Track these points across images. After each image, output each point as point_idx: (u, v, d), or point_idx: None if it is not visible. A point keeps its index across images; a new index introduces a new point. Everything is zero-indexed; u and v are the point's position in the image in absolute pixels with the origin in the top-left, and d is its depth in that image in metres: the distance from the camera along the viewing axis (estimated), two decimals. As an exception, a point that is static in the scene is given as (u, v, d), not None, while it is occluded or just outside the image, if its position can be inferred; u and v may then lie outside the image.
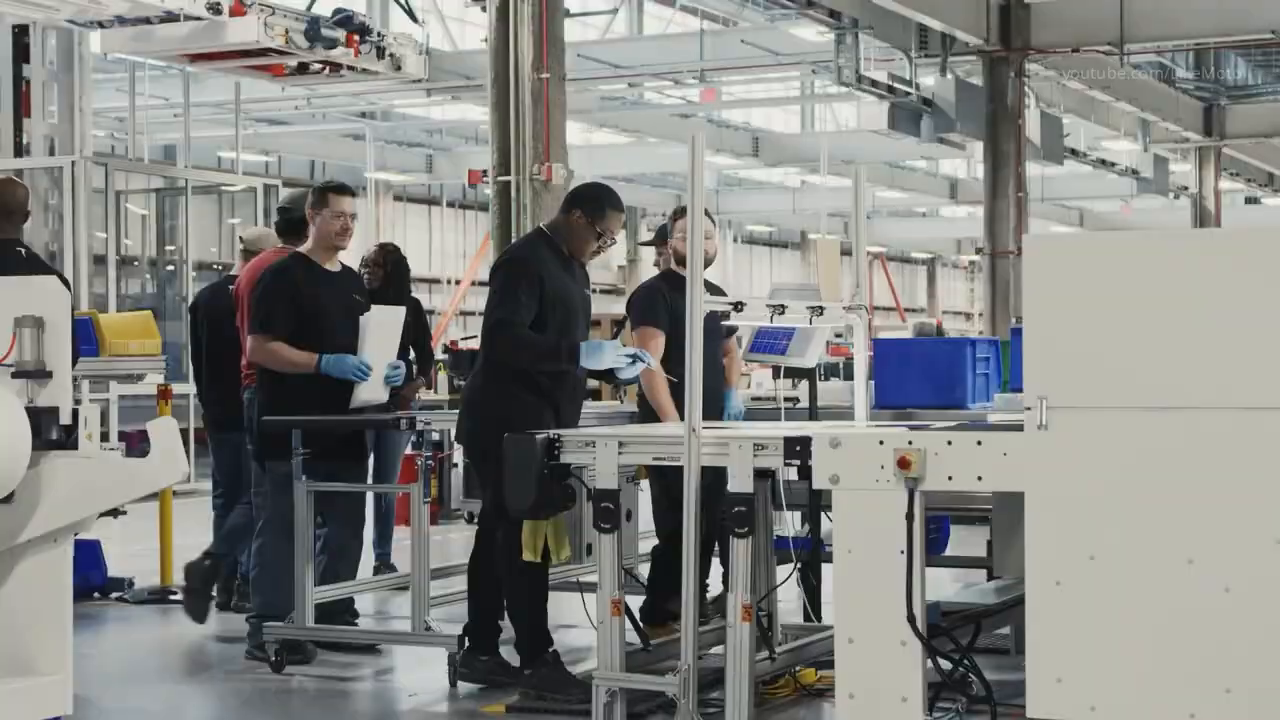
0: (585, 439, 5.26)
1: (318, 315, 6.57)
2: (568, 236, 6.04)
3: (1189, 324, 4.25)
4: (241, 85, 23.10)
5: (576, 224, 6.01)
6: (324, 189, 6.71)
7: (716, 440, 5.10)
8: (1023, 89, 20.51)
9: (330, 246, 6.68)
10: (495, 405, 5.87)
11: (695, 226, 5.10)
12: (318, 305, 6.59)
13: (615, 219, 6.07)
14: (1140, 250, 4.44)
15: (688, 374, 5.06)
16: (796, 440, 4.93)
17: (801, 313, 5.58)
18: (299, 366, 6.49)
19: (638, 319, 6.72)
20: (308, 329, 6.54)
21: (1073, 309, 4.39)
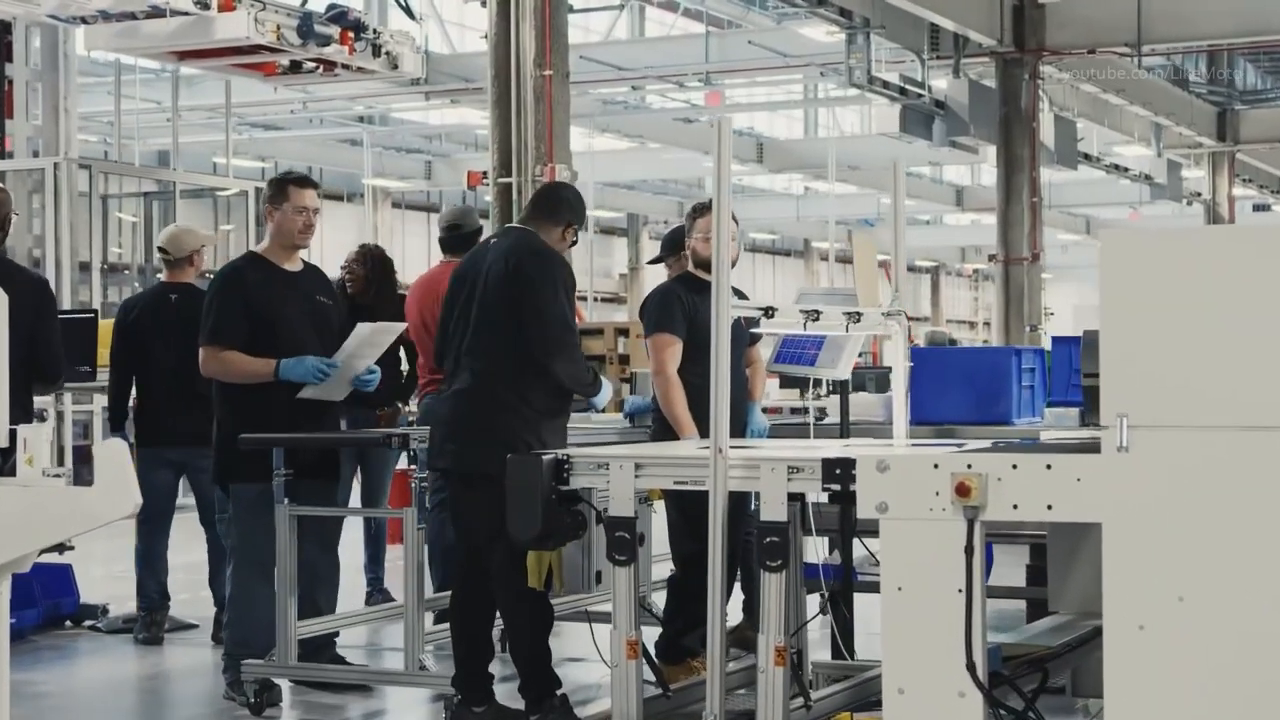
0: (597, 460, 4.70)
1: (275, 321, 6.01)
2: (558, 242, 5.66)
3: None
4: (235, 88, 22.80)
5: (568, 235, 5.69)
6: (283, 180, 6.15)
7: (745, 462, 4.54)
8: (1037, 91, 19.98)
9: (290, 245, 6.11)
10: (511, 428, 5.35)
11: (720, 222, 4.54)
12: (274, 310, 6.02)
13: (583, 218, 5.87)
14: (1237, 245, 3.88)
15: (713, 387, 4.50)
16: (837, 462, 4.37)
17: (837, 319, 5.02)
18: (255, 375, 5.93)
19: (651, 325, 6.16)
20: (263, 336, 5.97)
21: (1158, 313, 3.85)
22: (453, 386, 5.45)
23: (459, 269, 5.61)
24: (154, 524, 7.53)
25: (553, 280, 5.37)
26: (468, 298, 5.47)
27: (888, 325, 5.30)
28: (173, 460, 7.42)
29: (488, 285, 5.40)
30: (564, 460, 4.71)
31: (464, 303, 5.48)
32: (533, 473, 4.67)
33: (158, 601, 7.52)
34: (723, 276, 4.52)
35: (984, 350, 6.90)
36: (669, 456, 4.75)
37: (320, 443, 5.87)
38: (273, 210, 6.07)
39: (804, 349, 5.82)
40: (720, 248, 4.49)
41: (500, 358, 5.34)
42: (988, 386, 6.00)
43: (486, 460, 5.08)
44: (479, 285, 5.43)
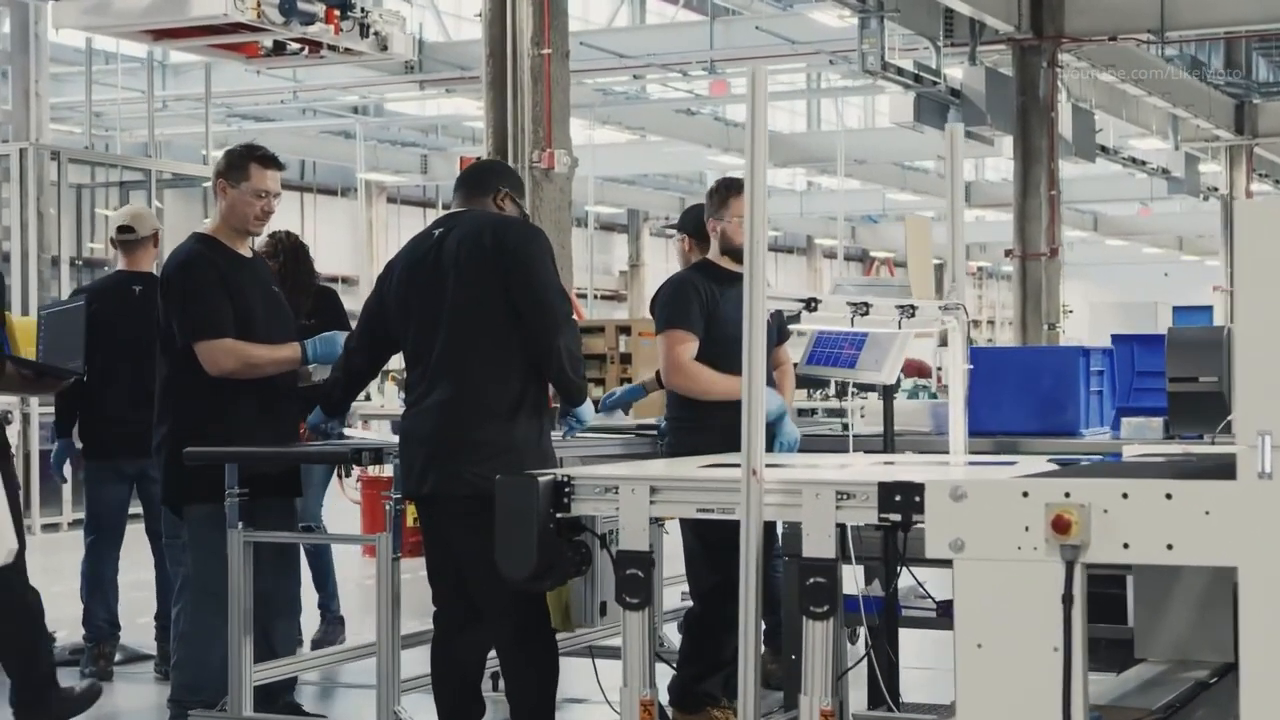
0: (604, 482, 3.91)
1: (247, 310, 5.22)
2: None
3: None
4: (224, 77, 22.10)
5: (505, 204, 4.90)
6: (245, 154, 5.31)
7: (784, 486, 3.75)
8: (1055, 80, 19.20)
9: (243, 229, 5.30)
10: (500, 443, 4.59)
11: (756, 196, 3.75)
12: (244, 299, 5.23)
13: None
14: None
15: (745, 394, 3.71)
16: (898, 488, 3.58)
17: (889, 314, 4.22)
18: (283, 363, 5.22)
19: (664, 320, 5.35)
20: (240, 328, 5.20)
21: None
22: (428, 400, 4.64)
23: (402, 268, 4.75)
24: (103, 543, 6.74)
25: (540, 248, 4.65)
26: (429, 297, 4.66)
27: (944, 320, 4.51)
28: (127, 473, 6.62)
29: (461, 275, 4.61)
30: (564, 482, 3.92)
31: (424, 304, 4.67)
32: (526, 497, 3.88)
33: (106, 631, 6.72)
34: (757, 261, 3.73)
35: (1047, 350, 6.11)
36: (690, 479, 3.94)
37: (280, 460, 5.05)
38: (227, 187, 5.26)
39: (841, 349, 5.03)
40: (756, 225, 3.70)
41: (489, 357, 4.53)
42: (1052, 392, 5.20)
43: (480, 481, 4.27)
44: (447, 279, 4.63)
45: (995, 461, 4.59)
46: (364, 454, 4.69)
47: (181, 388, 5.17)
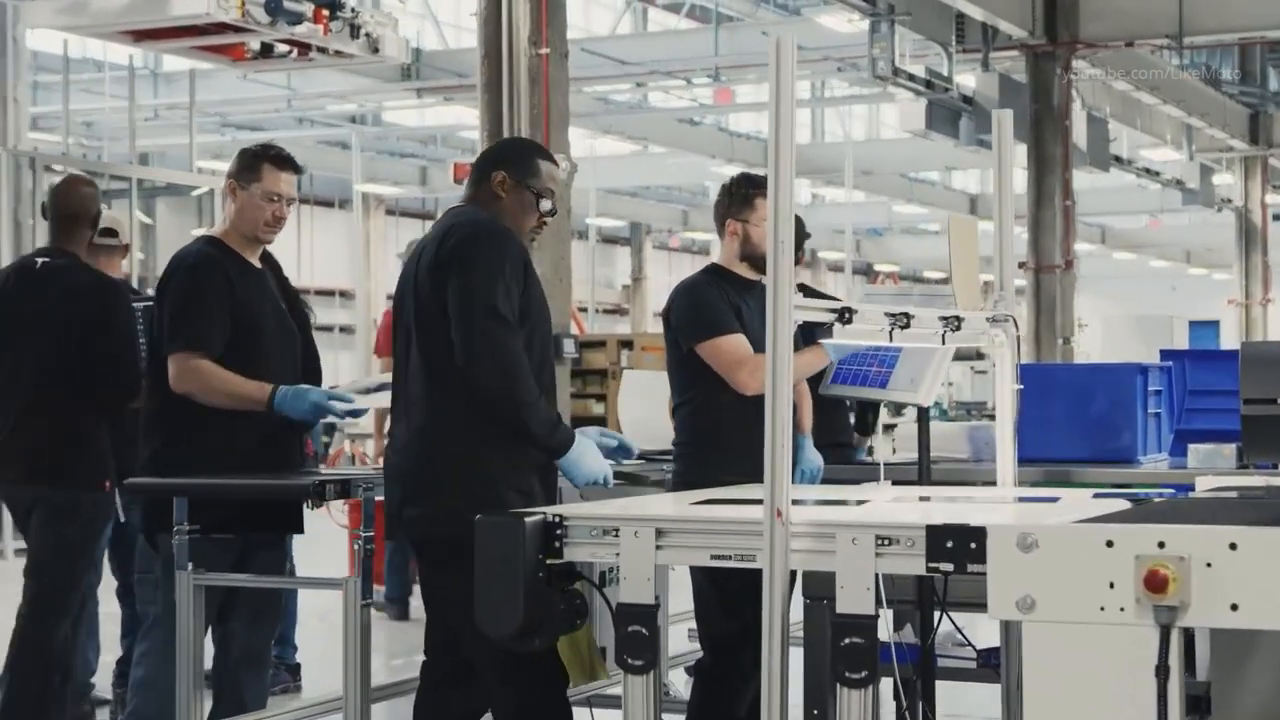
0: (603, 523, 3.34)
1: (254, 328, 4.65)
2: (497, 211, 4.12)
3: None
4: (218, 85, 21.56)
5: (506, 189, 4.13)
6: (258, 155, 4.72)
7: (814, 529, 3.18)
8: (1070, 87, 18.64)
9: (252, 235, 4.73)
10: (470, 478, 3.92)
11: (781, 188, 3.18)
12: (251, 312, 4.66)
13: (553, 172, 4.21)
14: None
15: (769, 419, 3.15)
16: (951, 531, 3.02)
17: (932, 326, 3.65)
18: (243, 402, 4.55)
19: (704, 328, 4.72)
20: (243, 348, 4.62)
21: None
22: (399, 429, 4.05)
23: (401, 278, 4.22)
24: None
25: (480, 252, 3.92)
26: (399, 315, 4.13)
27: (992, 334, 3.94)
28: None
29: (419, 289, 4.03)
30: (554, 523, 3.35)
31: (397, 322, 4.13)
32: (510, 541, 3.31)
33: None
34: (783, 263, 3.16)
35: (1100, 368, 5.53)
36: (703, 520, 3.36)
37: (232, 494, 4.44)
38: (237, 189, 4.69)
39: (869, 365, 4.46)
40: (782, 221, 3.13)
41: (456, 381, 3.95)
42: (1107, 414, 4.64)
43: (457, 523, 3.63)
44: (409, 295, 4.08)
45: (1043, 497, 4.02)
46: (328, 487, 4.08)
47: (173, 404, 4.59)
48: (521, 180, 4.11)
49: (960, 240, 3.89)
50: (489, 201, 4.09)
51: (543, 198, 4.12)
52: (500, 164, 4.14)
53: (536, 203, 4.11)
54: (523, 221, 4.10)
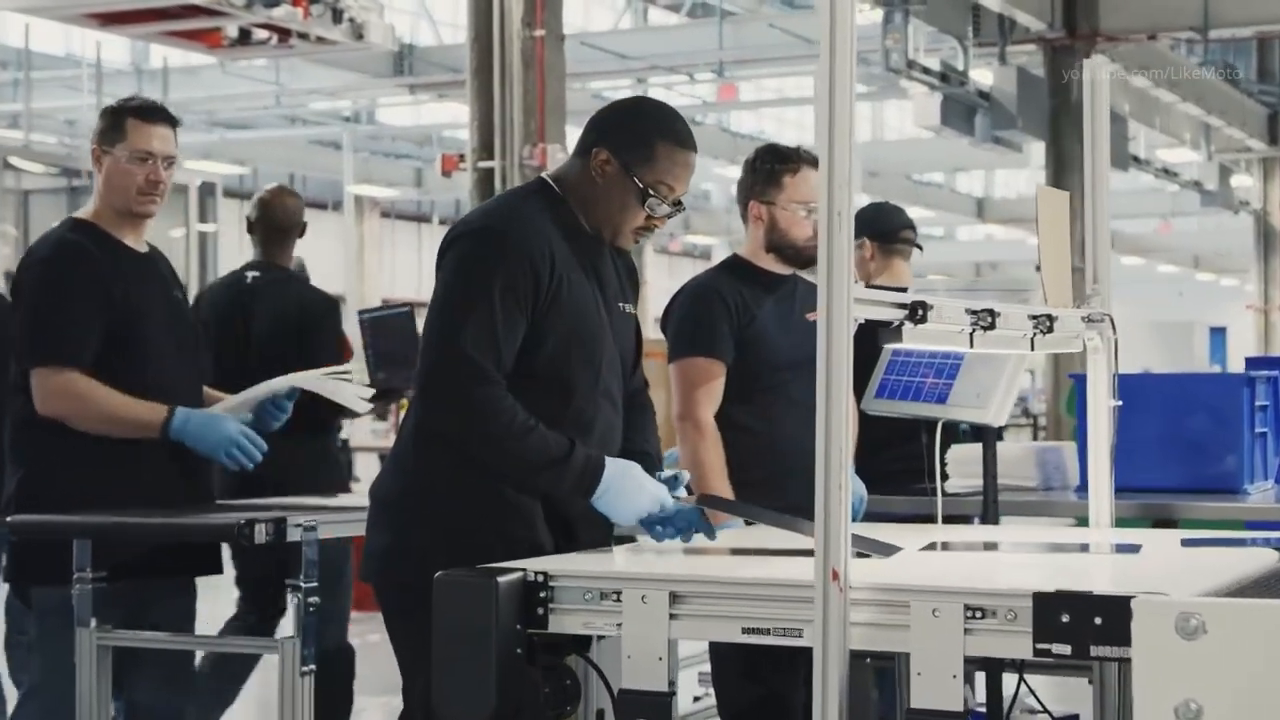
0: (599, 585, 2.55)
1: (136, 319, 3.79)
2: (589, 198, 3.13)
3: None
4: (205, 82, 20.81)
5: (605, 174, 3.11)
6: (119, 110, 3.84)
7: (880, 596, 2.39)
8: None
9: (126, 209, 3.84)
10: (442, 510, 3.02)
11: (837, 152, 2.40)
12: (134, 312, 3.79)
13: (678, 159, 3.13)
14: None
15: (822, 449, 2.37)
16: (1069, 602, 2.24)
17: (1022, 325, 2.87)
18: (132, 427, 3.71)
19: (682, 343, 3.95)
20: (119, 353, 3.75)
21: None
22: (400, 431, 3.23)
23: None
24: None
25: (459, 248, 3.02)
26: None
27: (1086, 336, 3.16)
28: None
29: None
30: (537, 582, 2.56)
31: None
32: (478, 605, 2.53)
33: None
34: (839, 246, 2.38)
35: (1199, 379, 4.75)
36: (732, 582, 2.56)
37: (146, 535, 3.60)
38: (101, 154, 3.83)
39: (921, 377, 3.68)
40: (838, 189, 2.35)
41: None
42: (1207, 434, 3.85)
43: (414, 572, 2.81)
44: None
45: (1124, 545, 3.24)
46: (259, 527, 3.27)
47: (40, 427, 3.77)
48: (628, 166, 3.07)
49: (1050, 218, 3.10)
50: (579, 183, 3.11)
51: (652, 195, 3.07)
52: (606, 137, 3.10)
53: (644, 199, 3.07)
54: (619, 219, 3.09)
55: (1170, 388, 4.13)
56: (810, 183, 3.93)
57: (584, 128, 3.18)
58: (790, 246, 3.95)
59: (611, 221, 3.11)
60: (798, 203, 3.94)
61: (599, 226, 3.12)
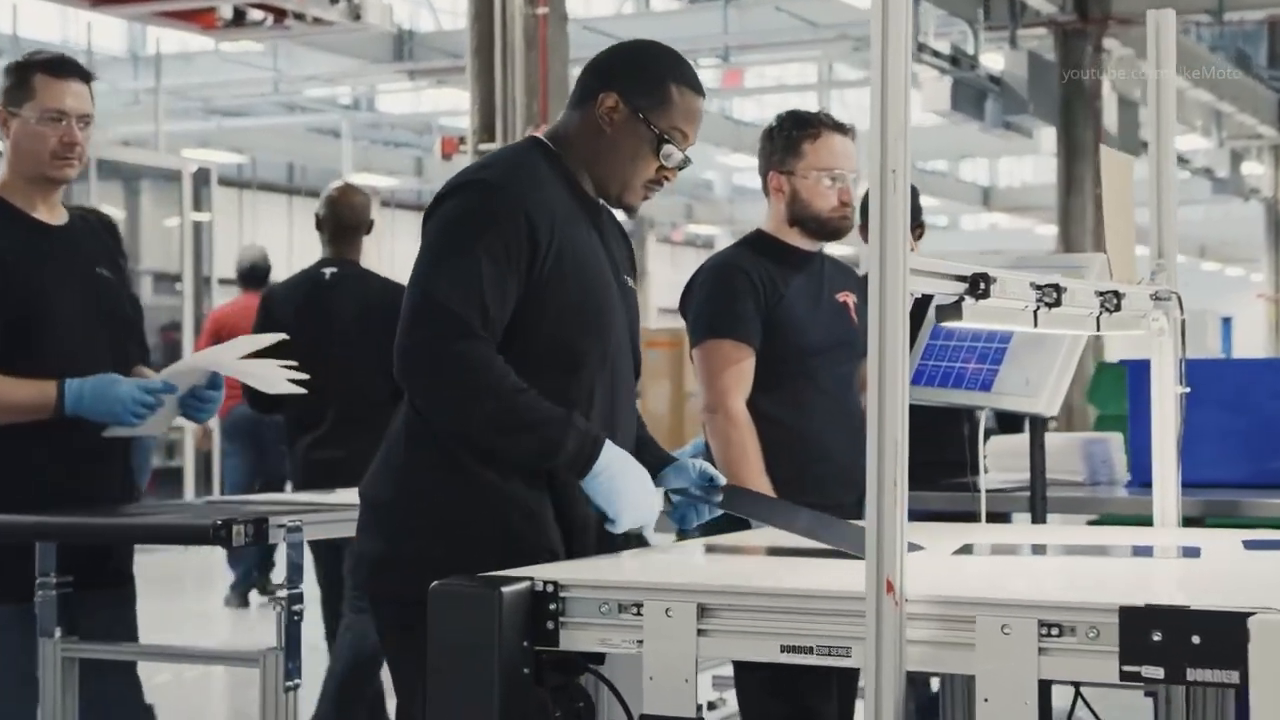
0: (618, 596, 2.24)
1: (41, 311, 3.40)
2: (596, 150, 2.80)
3: None
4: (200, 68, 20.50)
5: (613, 121, 2.78)
6: (27, 65, 3.45)
7: (938, 610, 2.09)
8: (1101, 67, 17.55)
9: (38, 175, 3.46)
10: (440, 512, 2.68)
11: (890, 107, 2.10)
12: (34, 290, 3.40)
13: (691, 104, 2.80)
14: None
15: (874, 442, 2.07)
16: (1163, 618, 1.94)
17: (1087, 303, 2.56)
18: (23, 409, 3.31)
19: (702, 325, 3.64)
20: (16, 334, 3.36)
21: None
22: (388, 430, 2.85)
23: None
24: None
25: (447, 206, 2.69)
26: None
27: (1153, 317, 2.85)
28: None
29: None
30: (546, 593, 2.26)
31: None
32: (478, 620, 2.22)
33: None
34: (893, 212, 2.08)
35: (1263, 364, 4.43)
36: (770, 593, 2.25)
37: (112, 536, 3.26)
38: (7, 116, 3.44)
39: (963, 362, 3.37)
40: (893, 140, 2.05)
41: None
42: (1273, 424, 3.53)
43: (423, 577, 2.38)
44: None
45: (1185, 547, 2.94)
46: (237, 528, 2.96)
47: None
48: (640, 109, 2.75)
49: (1115, 184, 2.79)
50: (582, 134, 2.78)
51: (667, 141, 2.76)
52: (613, 80, 2.77)
53: (658, 147, 2.75)
54: (630, 171, 2.77)
55: (1232, 374, 3.81)
56: (833, 148, 3.64)
57: (581, 75, 2.85)
58: (814, 219, 3.64)
59: (621, 174, 2.78)
60: (819, 170, 3.63)
61: (605, 181, 2.79)
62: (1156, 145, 3.04)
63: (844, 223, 3.66)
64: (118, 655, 3.26)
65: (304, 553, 3.08)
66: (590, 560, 2.58)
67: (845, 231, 3.66)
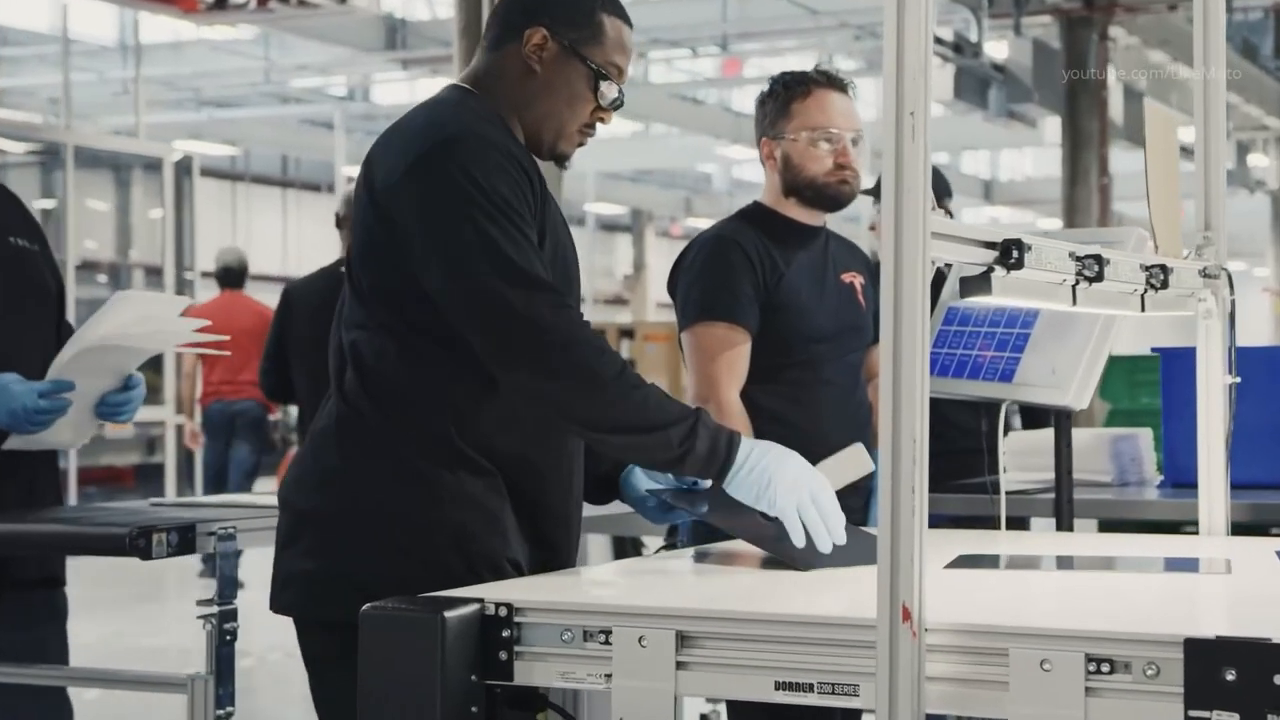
0: (583, 621, 1.90)
1: None
2: (526, 94, 2.43)
3: None
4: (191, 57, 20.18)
5: (543, 59, 2.42)
6: None
7: (964, 638, 1.74)
8: (1106, 56, 17.22)
9: None
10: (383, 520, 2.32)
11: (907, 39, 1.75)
12: None
13: (624, 36, 2.47)
14: None
15: (887, 438, 1.72)
16: (1240, 653, 1.59)
17: (1133, 277, 2.21)
18: None
19: (693, 307, 3.28)
20: None
21: None
22: (312, 428, 2.49)
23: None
24: None
25: (445, 178, 2.27)
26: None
27: (1201, 294, 2.50)
28: None
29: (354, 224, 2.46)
30: (499, 617, 1.91)
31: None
32: (418, 651, 1.87)
33: None
34: (912, 161, 1.73)
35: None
36: (763, 618, 1.90)
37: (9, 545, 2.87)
38: None
39: (980, 350, 3.02)
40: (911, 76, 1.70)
41: (374, 352, 2.37)
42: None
43: (362, 599, 2.01)
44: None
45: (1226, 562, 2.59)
46: (157, 537, 2.60)
47: None
48: (573, 44, 2.41)
49: (1159, 143, 2.45)
50: (507, 77, 2.43)
51: (605, 78, 2.43)
52: (539, 13, 2.43)
53: (595, 86, 2.42)
54: (567, 114, 2.43)
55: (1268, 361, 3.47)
56: (826, 105, 3.28)
57: (497, 11, 2.48)
58: (808, 184, 3.28)
59: (557, 118, 2.43)
60: (810, 130, 3.28)
61: (539, 128, 2.43)
62: (1204, 103, 2.69)
63: (843, 188, 3.30)
64: (24, 679, 2.88)
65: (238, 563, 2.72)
66: (551, 577, 2.23)
67: (845, 198, 3.29)
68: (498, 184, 2.27)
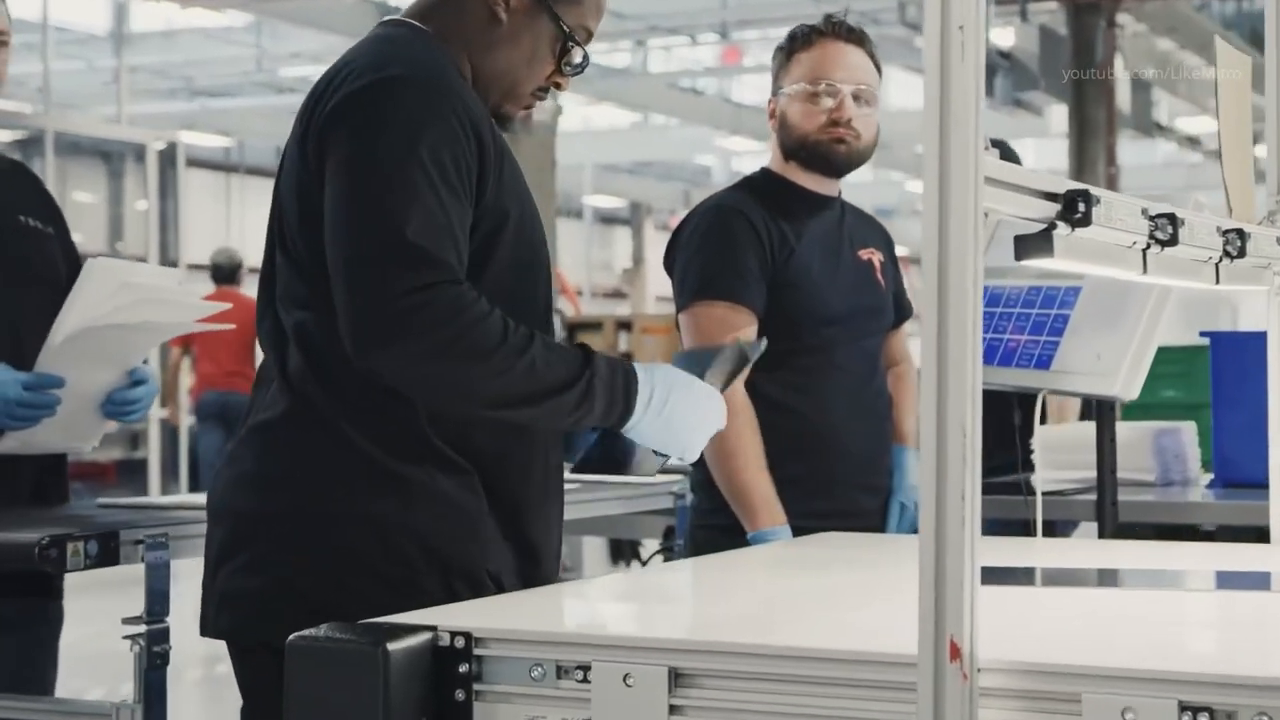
0: (555, 654, 1.56)
1: None
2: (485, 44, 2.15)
3: None
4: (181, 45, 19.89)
5: (511, 8, 2.14)
6: None
7: (1023, 679, 1.41)
8: (1114, 43, 16.94)
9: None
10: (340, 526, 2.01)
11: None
12: None
13: (603, 3, 2.21)
14: None
15: (930, 434, 1.38)
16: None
17: (1210, 241, 1.88)
18: None
19: (692, 283, 2.91)
20: None
21: None
22: (247, 423, 2.19)
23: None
24: None
25: (367, 123, 1.99)
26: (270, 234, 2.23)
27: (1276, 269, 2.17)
28: None
29: (278, 198, 2.18)
30: (456, 649, 1.58)
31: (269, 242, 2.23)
32: (356, 688, 1.54)
33: None
34: (961, 86, 1.39)
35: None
36: (774, 653, 1.57)
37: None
38: None
39: (1013, 333, 2.69)
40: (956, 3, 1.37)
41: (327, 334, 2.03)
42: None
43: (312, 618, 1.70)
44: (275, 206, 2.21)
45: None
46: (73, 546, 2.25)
47: None
48: (549, 2, 2.16)
49: (1231, 93, 2.12)
50: (472, 21, 2.16)
51: (573, 41, 2.18)
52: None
53: (560, 48, 2.18)
54: (524, 73, 2.18)
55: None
56: (826, 56, 2.95)
57: None
58: (800, 144, 2.94)
59: (512, 75, 2.17)
60: (811, 82, 2.94)
61: (490, 82, 2.16)
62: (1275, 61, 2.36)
63: (837, 147, 2.93)
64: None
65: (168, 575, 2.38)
66: (519, 597, 1.89)
67: (839, 159, 2.92)
68: (438, 141, 1.97)
